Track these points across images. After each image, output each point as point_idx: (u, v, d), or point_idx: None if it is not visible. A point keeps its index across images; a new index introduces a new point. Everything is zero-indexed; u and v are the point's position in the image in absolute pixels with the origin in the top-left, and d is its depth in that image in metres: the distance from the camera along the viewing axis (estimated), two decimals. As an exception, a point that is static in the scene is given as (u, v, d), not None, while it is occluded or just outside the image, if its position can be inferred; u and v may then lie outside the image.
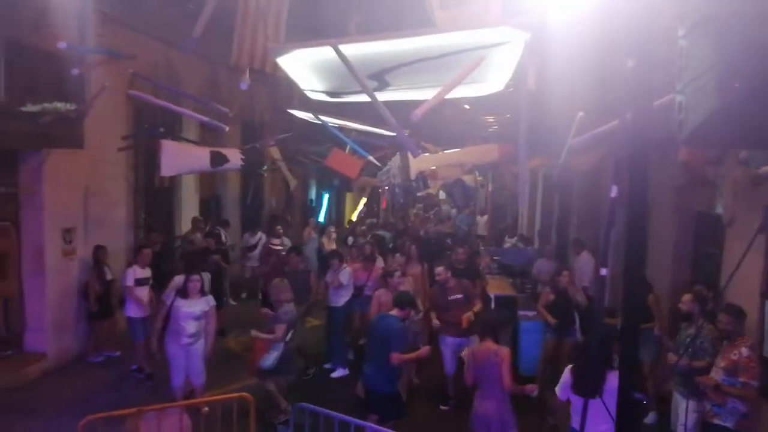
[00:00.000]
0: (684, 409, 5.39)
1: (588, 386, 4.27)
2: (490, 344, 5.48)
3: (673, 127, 2.31)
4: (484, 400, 5.40)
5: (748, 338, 5.00)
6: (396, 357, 5.54)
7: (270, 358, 6.42)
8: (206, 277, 7.42)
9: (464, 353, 5.94)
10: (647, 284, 7.00)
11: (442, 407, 7.37)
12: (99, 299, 8.47)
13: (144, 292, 7.99)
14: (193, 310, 6.52)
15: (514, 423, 5.43)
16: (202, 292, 6.67)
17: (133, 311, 7.89)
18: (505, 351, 5.43)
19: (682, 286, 7.42)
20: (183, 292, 6.55)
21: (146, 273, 8.10)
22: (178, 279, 6.71)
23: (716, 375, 4.96)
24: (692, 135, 2.18)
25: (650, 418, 6.90)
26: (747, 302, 5.86)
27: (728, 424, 4.86)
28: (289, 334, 6.54)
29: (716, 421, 4.95)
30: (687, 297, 5.88)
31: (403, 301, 5.98)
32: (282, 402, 6.59)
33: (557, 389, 4.95)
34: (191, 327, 6.50)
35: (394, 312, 5.90)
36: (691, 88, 2.15)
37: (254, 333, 6.70)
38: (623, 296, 2.68)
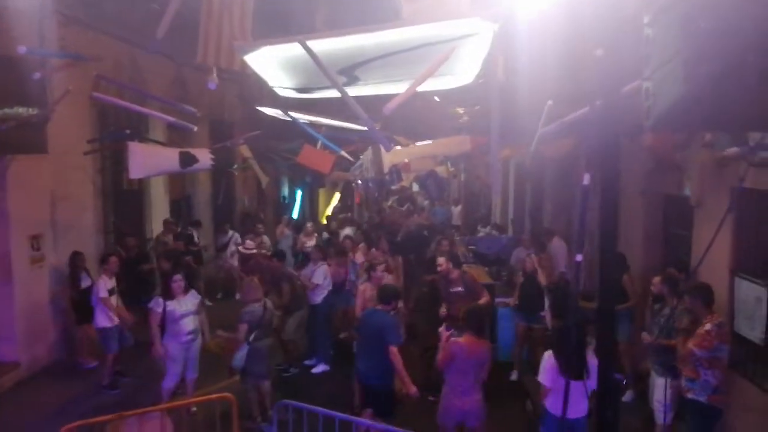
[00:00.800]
0: (660, 386, 5.52)
1: (575, 368, 4.38)
2: (480, 340, 5.32)
3: (640, 113, 2.36)
4: (463, 394, 5.21)
5: (717, 316, 5.14)
6: (394, 351, 5.52)
7: (237, 358, 6.43)
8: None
9: (444, 334, 5.72)
10: (625, 264, 7.16)
11: (430, 398, 7.40)
12: (75, 306, 8.28)
13: (113, 302, 7.75)
14: (188, 308, 6.64)
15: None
16: (186, 289, 6.72)
17: (104, 321, 7.65)
18: (488, 346, 5.49)
19: (654, 266, 7.60)
20: (168, 295, 6.59)
21: (113, 283, 7.84)
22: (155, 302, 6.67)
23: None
24: (659, 120, 2.22)
25: (627, 396, 7.06)
26: (717, 279, 6.04)
27: (701, 398, 5.02)
28: (253, 334, 6.45)
29: (690, 395, 5.10)
30: (656, 279, 6.06)
31: (388, 295, 5.95)
32: (254, 410, 6.56)
33: (540, 376, 5.01)
34: (190, 324, 6.62)
35: (380, 306, 5.89)
36: (657, 75, 2.19)
37: (219, 332, 6.85)
38: (599, 280, 2.74)
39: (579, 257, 2.73)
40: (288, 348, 8.46)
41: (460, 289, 7.24)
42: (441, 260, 7.49)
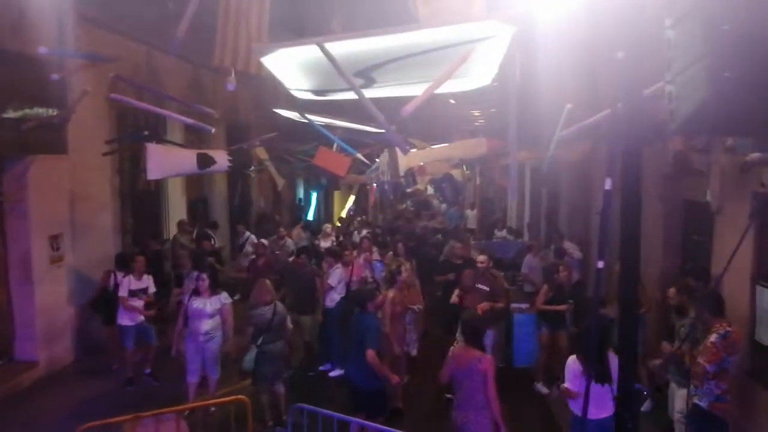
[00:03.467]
0: (681, 397, 5.45)
1: (597, 371, 4.38)
2: (471, 349, 5.01)
3: (660, 117, 2.32)
4: (460, 410, 4.92)
5: (725, 325, 5.05)
6: (371, 354, 5.55)
7: (247, 360, 6.43)
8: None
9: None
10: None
11: (447, 396, 7.36)
12: (104, 306, 8.26)
13: (138, 303, 7.79)
14: (206, 308, 6.66)
15: None
16: (213, 290, 6.77)
17: (124, 319, 7.76)
18: (487, 360, 4.93)
19: (672, 273, 7.48)
20: (196, 291, 6.72)
21: (141, 284, 7.87)
22: (189, 281, 6.75)
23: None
24: (684, 124, 2.18)
25: (646, 406, 6.96)
26: (738, 287, 5.92)
27: (702, 404, 4.97)
28: (261, 338, 6.42)
29: (695, 400, 5.07)
30: (672, 291, 5.96)
31: (362, 298, 6.04)
32: (266, 413, 6.54)
33: (566, 382, 4.98)
34: (205, 325, 6.64)
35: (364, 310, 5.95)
36: (681, 78, 2.15)
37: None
38: (620, 287, 2.69)
39: (600, 264, 2.68)
40: (311, 350, 8.45)
41: (486, 287, 7.36)
42: (482, 258, 7.81)
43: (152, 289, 7.97)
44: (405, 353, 7.51)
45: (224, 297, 6.90)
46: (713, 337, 4.92)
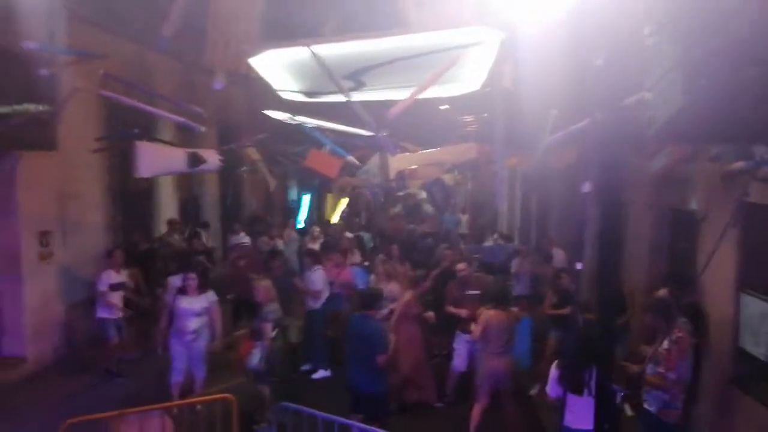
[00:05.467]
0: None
1: (574, 381, 4.37)
2: (502, 311, 6.20)
3: (643, 124, 2.36)
4: (493, 359, 6.14)
5: (676, 331, 5.11)
6: (383, 359, 5.56)
7: (256, 358, 6.43)
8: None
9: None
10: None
11: (437, 405, 7.38)
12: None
13: (117, 297, 7.90)
14: (193, 307, 6.66)
15: None
16: (201, 289, 6.77)
17: (104, 312, 7.84)
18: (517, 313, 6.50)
19: (658, 280, 7.54)
20: (183, 290, 6.70)
21: (121, 277, 8.01)
22: (174, 279, 6.73)
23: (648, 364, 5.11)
24: (661, 131, 2.22)
25: (630, 410, 7.00)
26: (723, 295, 5.99)
27: (652, 409, 4.99)
28: (274, 332, 6.58)
29: (645, 405, 5.10)
30: (662, 292, 5.98)
31: (371, 300, 5.97)
32: (266, 408, 6.55)
33: (548, 387, 5.02)
34: (192, 324, 6.63)
35: (367, 312, 5.90)
36: (658, 86, 2.19)
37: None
38: (599, 291, 2.73)
39: (579, 265, 2.73)
40: (296, 351, 8.45)
41: (477, 292, 7.34)
42: (462, 266, 7.70)
43: (131, 284, 8.00)
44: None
45: (211, 296, 6.90)
46: (666, 344, 4.99)
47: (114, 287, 7.88)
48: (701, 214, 6.44)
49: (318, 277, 8.35)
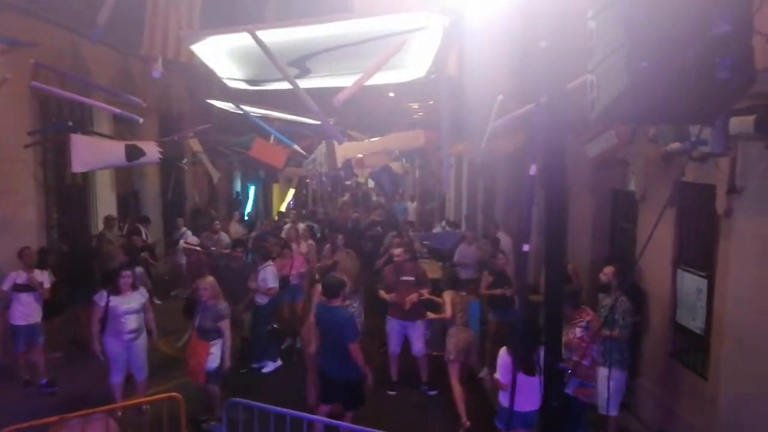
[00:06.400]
0: (603, 377, 5.64)
1: (527, 364, 4.46)
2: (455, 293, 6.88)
3: (586, 108, 2.39)
4: (461, 331, 6.77)
5: (583, 315, 5.36)
6: (355, 348, 5.56)
7: (216, 358, 6.27)
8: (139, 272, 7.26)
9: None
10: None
11: (390, 392, 7.41)
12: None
13: (28, 299, 7.35)
14: (132, 306, 6.50)
15: None
16: (134, 286, 6.61)
17: (15, 318, 7.31)
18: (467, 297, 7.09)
19: (601, 260, 7.80)
20: (115, 290, 6.46)
21: (41, 277, 7.47)
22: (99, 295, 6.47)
23: None
24: (604, 113, 2.26)
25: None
26: (660, 272, 6.23)
27: (569, 391, 5.16)
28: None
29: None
30: (609, 269, 6.18)
31: (335, 289, 5.88)
32: (216, 406, 6.40)
33: (497, 373, 5.10)
34: (132, 323, 6.46)
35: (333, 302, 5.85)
36: (601, 68, 2.22)
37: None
38: (546, 271, 2.77)
39: (526, 247, 2.75)
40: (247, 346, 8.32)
41: (411, 278, 7.42)
42: (398, 251, 7.71)
43: (47, 284, 7.52)
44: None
45: (144, 292, 6.79)
46: (578, 332, 5.23)
47: (20, 288, 7.34)
48: (640, 195, 6.67)
49: (269, 274, 8.22)
